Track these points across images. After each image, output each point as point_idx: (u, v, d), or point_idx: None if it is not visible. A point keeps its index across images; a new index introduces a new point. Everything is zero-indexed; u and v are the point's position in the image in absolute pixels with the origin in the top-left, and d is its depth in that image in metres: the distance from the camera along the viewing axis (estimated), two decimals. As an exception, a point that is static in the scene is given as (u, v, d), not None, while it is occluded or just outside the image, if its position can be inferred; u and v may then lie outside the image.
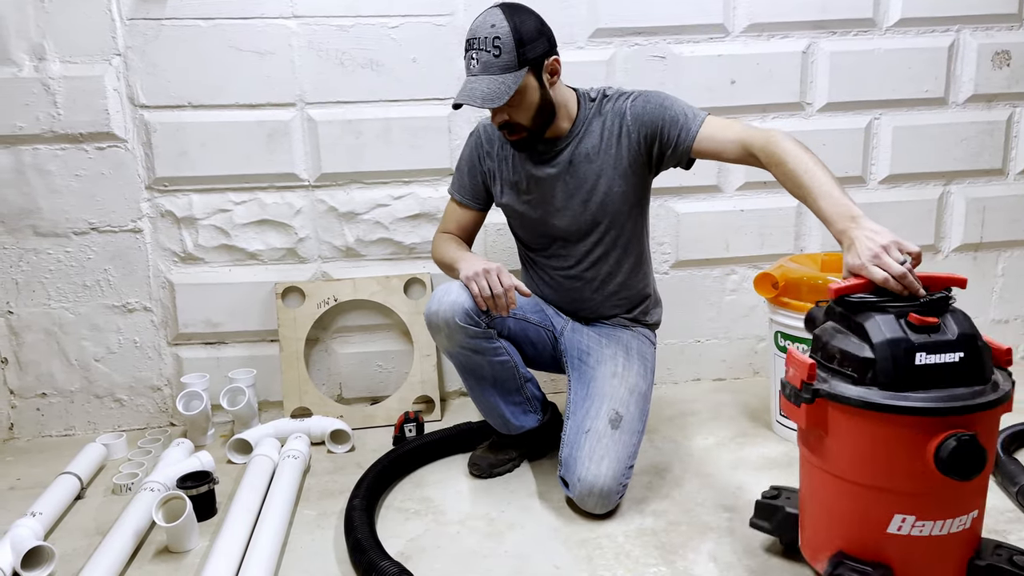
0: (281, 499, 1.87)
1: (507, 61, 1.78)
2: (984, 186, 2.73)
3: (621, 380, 1.97)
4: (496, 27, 1.78)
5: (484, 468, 2.09)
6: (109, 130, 2.35)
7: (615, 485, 1.81)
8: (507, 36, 1.77)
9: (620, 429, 1.88)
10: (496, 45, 1.78)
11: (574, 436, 1.89)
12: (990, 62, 2.62)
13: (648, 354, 2.10)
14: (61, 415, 2.51)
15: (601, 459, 1.82)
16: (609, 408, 1.90)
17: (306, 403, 2.48)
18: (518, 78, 1.79)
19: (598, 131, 1.94)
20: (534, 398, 2.08)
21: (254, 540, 1.70)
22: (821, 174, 1.59)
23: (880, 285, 1.37)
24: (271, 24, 2.35)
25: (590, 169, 1.95)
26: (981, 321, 2.80)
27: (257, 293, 2.50)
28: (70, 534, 1.89)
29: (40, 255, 2.41)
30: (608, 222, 2.00)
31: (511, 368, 1.99)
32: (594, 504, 1.82)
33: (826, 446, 1.39)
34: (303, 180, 2.46)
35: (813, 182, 1.58)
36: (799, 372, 1.37)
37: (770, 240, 2.66)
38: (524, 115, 1.87)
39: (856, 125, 2.62)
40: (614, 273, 2.06)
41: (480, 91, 1.79)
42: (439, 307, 1.87)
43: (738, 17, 2.51)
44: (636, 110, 1.91)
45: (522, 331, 2.06)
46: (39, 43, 2.28)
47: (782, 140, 1.69)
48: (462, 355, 1.94)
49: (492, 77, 1.79)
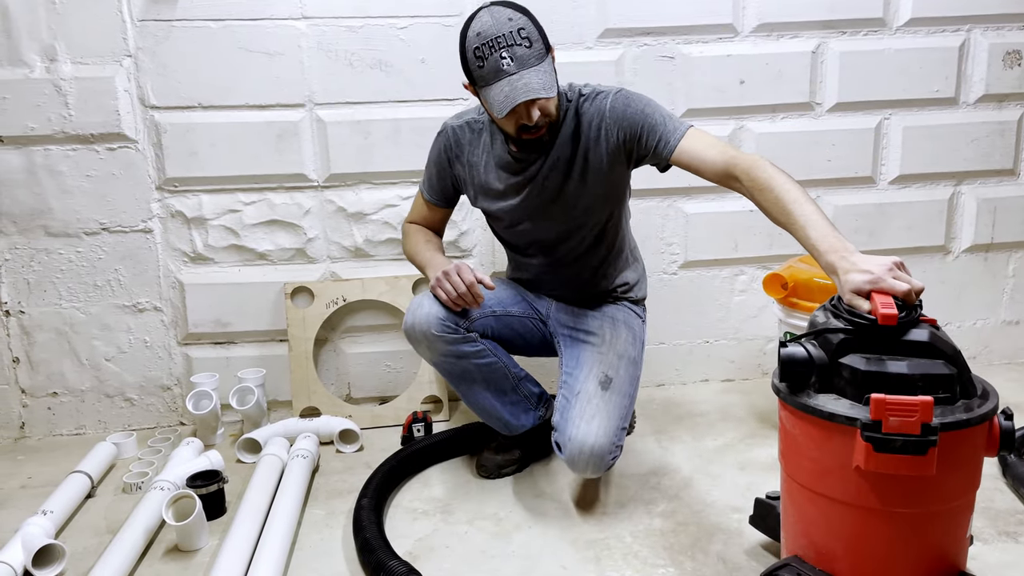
0: (290, 498, 1.88)
1: (539, 50, 1.72)
2: (995, 186, 2.71)
3: (609, 346, 1.96)
4: (514, 20, 1.72)
5: (492, 469, 2.09)
6: (120, 131, 2.36)
7: (607, 444, 1.79)
8: (530, 26, 1.71)
9: (611, 391, 1.87)
10: (525, 36, 1.71)
11: (566, 399, 1.89)
12: (1001, 62, 2.60)
13: (635, 325, 2.07)
14: (72, 414, 2.53)
15: (592, 417, 1.81)
16: (599, 371, 1.90)
17: (315, 403, 2.49)
18: (551, 64, 1.75)
19: (577, 133, 1.87)
20: (531, 395, 2.06)
21: (263, 539, 1.71)
22: (810, 206, 1.51)
23: (903, 296, 1.31)
24: (280, 25, 2.35)
25: (569, 174, 1.89)
26: (991, 323, 2.79)
27: (266, 293, 2.50)
28: (81, 532, 1.90)
29: (51, 255, 2.43)
30: (591, 224, 1.96)
31: (500, 368, 1.98)
32: (585, 464, 1.79)
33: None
34: (312, 180, 2.47)
35: (802, 212, 1.50)
36: (913, 415, 1.18)
37: (779, 241, 2.65)
38: (555, 105, 1.81)
39: (866, 125, 2.61)
40: (597, 266, 2.04)
41: (535, 84, 1.70)
42: (414, 320, 1.89)
43: (747, 17, 2.50)
44: (616, 111, 1.83)
45: (506, 327, 2.03)
46: (51, 44, 2.29)
47: (768, 167, 1.60)
48: (446, 363, 1.93)
49: (535, 68, 1.70)
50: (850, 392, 1.26)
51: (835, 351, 1.29)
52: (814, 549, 1.36)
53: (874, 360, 1.26)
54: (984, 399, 1.28)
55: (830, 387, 1.29)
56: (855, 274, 1.33)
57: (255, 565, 1.61)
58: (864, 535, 1.29)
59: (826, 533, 1.33)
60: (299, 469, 2.03)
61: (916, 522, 1.28)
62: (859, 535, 1.30)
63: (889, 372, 1.23)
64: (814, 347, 1.31)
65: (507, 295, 2.07)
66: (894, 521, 1.27)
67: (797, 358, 1.30)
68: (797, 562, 1.37)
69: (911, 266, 2.45)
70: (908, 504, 1.26)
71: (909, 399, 1.17)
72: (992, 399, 1.28)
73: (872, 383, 1.23)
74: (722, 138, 2.53)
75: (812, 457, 1.31)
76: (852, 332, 1.29)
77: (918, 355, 1.26)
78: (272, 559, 1.64)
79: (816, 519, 1.34)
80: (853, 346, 1.29)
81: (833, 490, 1.29)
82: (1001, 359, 2.80)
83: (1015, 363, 2.81)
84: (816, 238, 1.45)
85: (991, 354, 2.79)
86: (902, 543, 1.28)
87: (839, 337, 1.29)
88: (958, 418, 1.21)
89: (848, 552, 1.31)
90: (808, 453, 1.32)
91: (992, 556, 1.64)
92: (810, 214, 1.49)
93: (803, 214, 1.49)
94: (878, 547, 1.29)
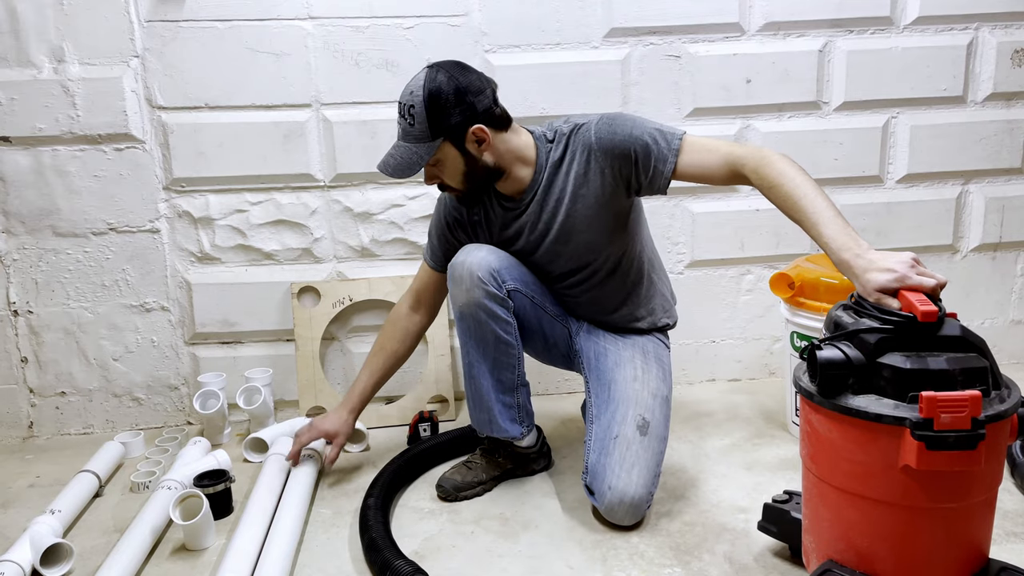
0: (297, 498, 1.88)
1: (420, 131, 1.74)
2: (1003, 185, 2.70)
3: (643, 384, 1.92)
4: (414, 94, 1.73)
5: (449, 491, 1.98)
6: (127, 131, 2.37)
7: (645, 494, 1.77)
8: (420, 105, 1.72)
9: (648, 436, 1.83)
10: (411, 113, 1.73)
11: (602, 442, 1.83)
12: (1009, 60, 2.59)
13: (664, 357, 2.04)
14: (80, 413, 2.54)
15: (632, 467, 1.78)
16: (635, 413, 1.85)
17: (322, 402, 2.49)
18: (431, 149, 1.75)
19: (565, 171, 1.84)
20: (524, 408, 1.99)
21: (270, 538, 1.71)
22: (821, 201, 1.48)
23: (931, 292, 1.32)
24: (287, 25, 2.36)
25: (564, 212, 1.86)
26: (1000, 322, 2.77)
27: (273, 293, 2.51)
28: (88, 531, 1.90)
29: (59, 255, 2.44)
30: (601, 259, 1.93)
31: (513, 357, 1.92)
32: (623, 514, 1.77)
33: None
34: (319, 180, 2.47)
35: (814, 208, 1.47)
36: (964, 410, 1.18)
37: (786, 240, 2.64)
38: (453, 179, 1.83)
39: (873, 124, 2.60)
40: (617, 296, 2.00)
41: (394, 160, 1.78)
42: (466, 258, 1.85)
43: (754, 16, 2.50)
44: (603, 139, 1.78)
45: (537, 318, 1.97)
46: (58, 45, 2.30)
47: (777, 161, 1.57)
48: (473, 315, 1.86)
49: (407, 146, 1.76)
50: (891, 391, 1.25)
51: (873, 351, 1.28)
52: (854, 552, 1.34)
53: (914, 358, 1.25)
54: (1008, 389, 1.30)
55: (868, 388, 1.28)
56: (877, 273, 1.33)
57: (262, 564, 1.61)
58: (910, 534, 1.28)
59: (868, 535, 1.32)
60: (305, 468, 2.04)
61: (958, 516, 1.28)
62: (905, 534, 1.29)
63: (931, 369, 1.23)
64: (849, 348, 1.29)
65: (545, 292, 2.01)
66: (939, 517, 1.27)
67: (836, 361, 1.28)
68: (836, 567, 1.35)
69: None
70: (954, 499, 1.26)
71: (959, 395, 1.18)
72: (1014, 388, 1.30)
73: (914, 381, 1.23)
74: (728, 138, 2.54)
75: (854, 460, 1.29)
76: (891, 331, 1.28)
77: (952, 350, 1.26)
78: (279, 558, 1.64)
79: (857, 522, 1.32)
80: (891, 345, 1.28)
81: (877, 491, 1.28)
82: (1010, 359, 2.78)
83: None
84: (828, 235, 1.43)
85: (1000, 353, 2.78)
86: (945, 538, 1.29)
87: (877, 336, 1.28)
88: (998, 410, 1.22)
89: (893, 552, 1.30)
90: (848, 456, 1.30)
91: (1001, 557, 1.62)
92: (822, 210, 1.47)
93: (815, 210, 1.48)
94: (922, 544, 1.29)
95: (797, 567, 1.62)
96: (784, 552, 1.67)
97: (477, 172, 1.82)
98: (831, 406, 1.29)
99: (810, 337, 2.12)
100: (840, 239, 1.41)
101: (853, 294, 1.42)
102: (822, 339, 1.34)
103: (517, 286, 1.90)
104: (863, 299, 1.37)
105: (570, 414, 2.51)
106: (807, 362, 1.34)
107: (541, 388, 2.68)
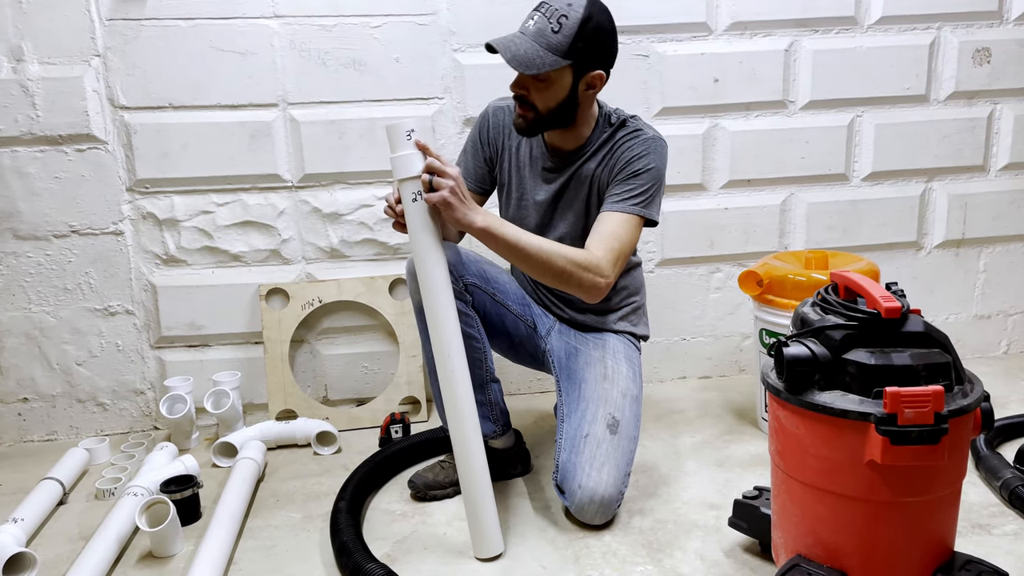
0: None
1: (557, 42, 1.72)
2: (966, 183, 2.74)
3: (612, 383, 1.93)
4: (572, 6, 1.73)
5: (420, 487, 1.98)
6: (89, 132, 2.32)
7: (615, 493, 1.78)
8: (575, 21, 1.71)
9: (618, 435, 1.84)
10: (560, 22, 1.72)
11: (572, 440, 1.84)
12: (971, 59, 2.64)
13: (635, 358, 2.04)
14: (43, 420, 2.49)
15: (602, 466, 1.78)
16: (605, 412, 1.86)
17: (291, 405, 2.47)
18: (556, 63, 1.73)
19: (601, 157, 1.91)
20: (496, 405, 1.98)
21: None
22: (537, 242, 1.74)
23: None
24: (252, 24, 2.33)
25: (585, 191, 1.93)
26: (963, 317, 2.82)
27: (241, 295, 2.48)
28: (53, 540, 1.87)
29: (20, 258, 2.39)
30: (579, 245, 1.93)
31: (479, 351, 1.90)
32: (594, 513, 1.77)
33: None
34: (286, 181, 2.44)
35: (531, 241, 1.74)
36: (927, 406, 1.20)
37: (754, 238, 2.66)
38: (542, 101, 1.81)
39: (839, 123, 2.63)
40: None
41: (518, 50, 1.72)
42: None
43: (721, 16, 2.51)
44: (627, 154, 1.87)
45: (499, 316, 1.97)
46: (17, 44, 2.25)
47: (582, 257, 1.76)
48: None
49: (536, 46, 1.72)
50: (856, 387, 1.27)
51: (838, 347, 1.30)
52: (822, 547, 1.35)
53: (878, 354, 1.27)
54: (971, 383, 1.32)
55: (834, 384, 1.30)
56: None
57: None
58: (876, 528, 1.31)
59: (835, 530, 1.33)
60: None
61: (923, 510, 1.30)
62: (870, 528, 1.31)
63: (895, 364, 1.25)
64: (815, 344, 1.31)
65: (512, 290, 2.01)
66: (904, 511, 1.29)
67: (803, 357, 1.30)
68: (804, 561, 1.37)
69: (885, 261, 2.49)
70: (918, 493, 1.28)
71: (922, 390, 1.20)
72: (976, 383, 1.33)
73: (879, 376, 1.25)
74: (696, 137, 2.56)
75: (820, 455, 1.31)
76: (856, 327, 1.30)
77: (915, 345, 1.29)
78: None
79: (824, 516, 1.34)
80: (856, 341, 1.30)
81: (843, 486, 1.30)
82: (974, 353, 2.83)
83: (987, 356, 2.85)
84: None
85: (964, 348, 2.82)
86: (911, 531, 1.31)
87: (842, 333, 1.30)
88: (960, 404, 1.25)
89: (859, 546, 1.32)
90: (815, 451, 1.31)
91: (967, 548, 1.66)
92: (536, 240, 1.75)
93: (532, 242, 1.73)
94: (888, 538, 1.31)
95: (767, 562, 1.63)
96: (755, 548, 1.69)
97: (567, 108, 1.83)
98: (798, 402, 1.31)
99: (778, 334, 2.14)
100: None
101: (819, 291, 1.43)
102: (789, 336, 1.35)
103: (475, 281, 1.89)
104: (829, 296, 1.39)
105: (543, 412, 2.52)
106: (774, 359, 1.36)
107: (514, 388, 2.67)
